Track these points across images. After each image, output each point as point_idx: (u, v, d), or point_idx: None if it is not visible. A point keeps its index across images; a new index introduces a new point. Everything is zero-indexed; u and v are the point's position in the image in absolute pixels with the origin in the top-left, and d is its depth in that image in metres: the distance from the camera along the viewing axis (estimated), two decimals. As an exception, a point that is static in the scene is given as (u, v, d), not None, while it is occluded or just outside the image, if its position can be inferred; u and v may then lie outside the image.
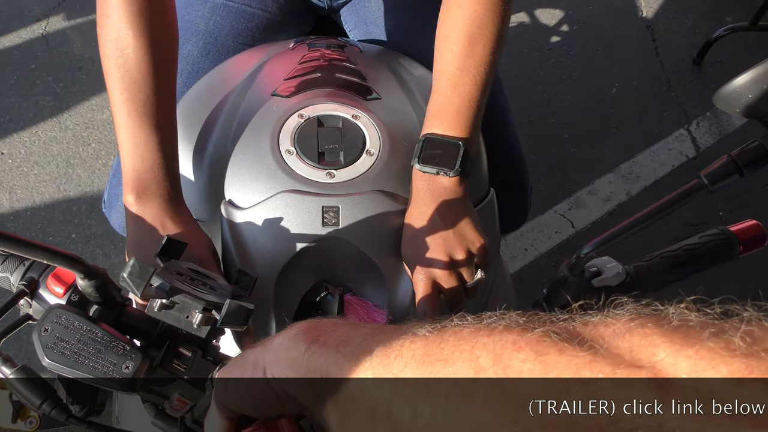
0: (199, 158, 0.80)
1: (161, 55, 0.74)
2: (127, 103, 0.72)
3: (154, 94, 0.73)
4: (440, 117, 0.76)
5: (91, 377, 0.50)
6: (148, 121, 0.72)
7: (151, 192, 0.72)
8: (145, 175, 0.72)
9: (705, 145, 2.14)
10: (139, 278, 0.48)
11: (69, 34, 2.24)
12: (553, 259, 1.89)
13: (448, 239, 0.71)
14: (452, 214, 0.73)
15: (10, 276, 0.59)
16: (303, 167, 0.74)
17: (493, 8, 0.76)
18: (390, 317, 0.71)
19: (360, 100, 0.82)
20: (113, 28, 0.73)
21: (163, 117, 0.74)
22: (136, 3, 0.73)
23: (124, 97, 0.72)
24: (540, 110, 2.20)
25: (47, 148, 2.01)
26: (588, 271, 0.60)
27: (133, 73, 0.72)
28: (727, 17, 2.41)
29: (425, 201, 0.73)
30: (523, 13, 2.42)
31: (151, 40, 0.73)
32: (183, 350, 0.56)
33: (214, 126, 0.81)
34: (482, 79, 0.76)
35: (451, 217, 0.72)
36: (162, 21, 0.76)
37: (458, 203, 0.74)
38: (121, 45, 0.73)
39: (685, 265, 0.63)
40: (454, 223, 0.72)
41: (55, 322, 0.51)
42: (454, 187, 0.74)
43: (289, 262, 0.71)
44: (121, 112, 0.72)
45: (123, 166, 0.73)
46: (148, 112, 0.72)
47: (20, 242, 0.47)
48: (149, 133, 0.72)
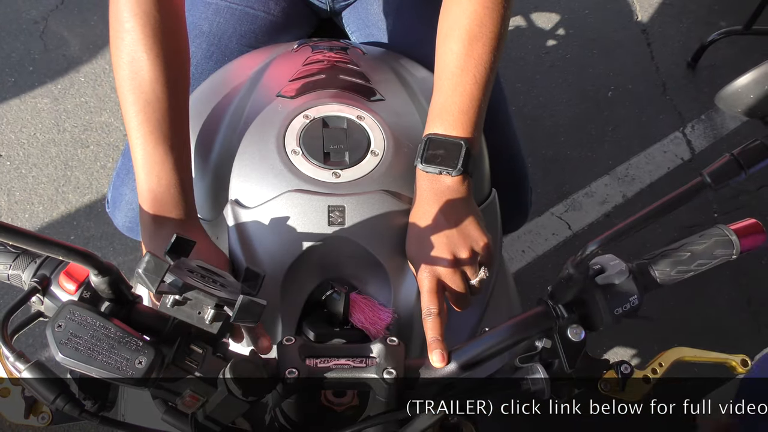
0: (205, 158, 0.81)
1: (174, 74, 0.76)
2: (143, 125, 0.73)
3: (168, 115, 0.74)
4: (442, 117, 0.77)
5: (105, 372, 0.51)
6: (164, 142, 0.73)
7: (167, 211, 0.73)
8: (162, 196, 0.73)
9: (700, 148, 2.16)
10: (154, 274, 0.49)
11: (67, 37, 2.24)
12: (551, 261, 1.90)
13: (452, 238, 0.72)
14: (456, 213, 0.74)
15: (22, 273, 0.59)
16: (309, 167, 0.75)
17: (493, 7, 0.78)
18: (395, 315, 0.72)
19: (364, 101, 0.83)
20: (127, 50, 0.74)
21: (177, 136, 0.75)
22: (149, 25, 0.74)
23: (140, 119, 0.73)
24: (536, 113, 2.21)
25: (45, 150, 2.01)
26: (591, 269, 0.61)
27: (148, 94, 0.73)
28: (722, 21, 2.43)
29: (429, 201, 0.74)
30: (519, 17, 2.43)
31: (164, 60, 0.74)
32: (194, 347, 0.56)
33: (219, 126, 0.82)
34: (483, 78, 0.77)
35: (454, 216, 0.73)
36: (175, 40, 0.77)
37: (462, 202, 0.75)
38: (135, 67, 0.74)
39: (686, 264, 0.64)
40: (457, 222, 0.73)
41: (68, 318, 0.51)
42: (457, 186, 0.75)
43: (295, 260, 0.72)
44: (136, 134, 0.73)
45: (139, 186, 0.74)
46: (163, 133, 0.73)
47: (35, 238, 0.48)
48: (165, 153, 0.73)
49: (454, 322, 0.77)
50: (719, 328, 1.83)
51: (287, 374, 0.58)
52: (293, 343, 0.61)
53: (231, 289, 0.58)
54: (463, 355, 0.62)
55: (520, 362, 0.61)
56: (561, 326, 0.60)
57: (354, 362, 0.61)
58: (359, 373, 0.60)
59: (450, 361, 0.61)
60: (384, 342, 0.61)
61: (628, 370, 0.60)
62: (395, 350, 0.61)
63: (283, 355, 0.60)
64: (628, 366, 0.60)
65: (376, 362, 0.60)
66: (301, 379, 0.58)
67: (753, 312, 1.87)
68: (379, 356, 0.61)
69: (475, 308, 0.78)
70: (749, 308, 1.87)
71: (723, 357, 0.62)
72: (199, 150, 0.81)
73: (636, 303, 0.60)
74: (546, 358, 0.60)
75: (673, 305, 1.81)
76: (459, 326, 0.77)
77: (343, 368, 0.60)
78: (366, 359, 0.61)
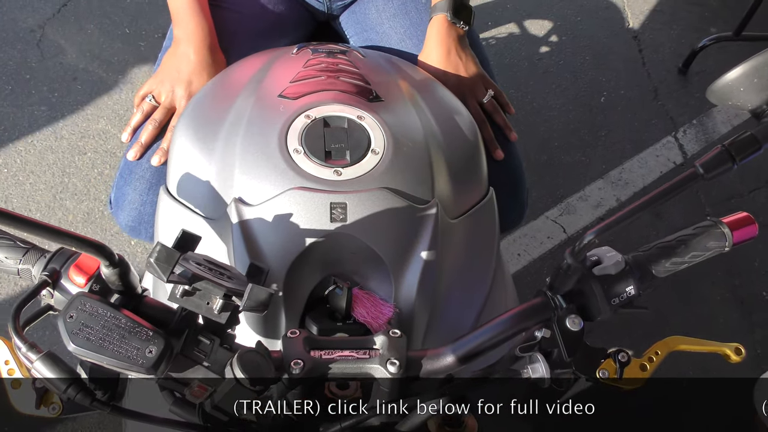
0: (208, 157, 0.82)
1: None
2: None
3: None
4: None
5: (116, 361, 0.52)
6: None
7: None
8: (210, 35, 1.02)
9: (692, 152, 2.19)
10: (165, 263, 0.50)
11: (63, 45, 2.26)
12: (546, 264, 1.92)
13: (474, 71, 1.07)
14: (471, 53, 1.09)
15: (32, 268, 0.60)
16: (311, 165, 0.76)
17: None
18: (397, 310, 0.73)
19: (364, 102, 0.84)
20: None
21: None
22: None
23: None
24: (530, 118, 2.24)
25: (43, 157, 2.02)
26: (589, 260, 0.62)
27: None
28: (712, 28, 2.47)
29: (457, 46, 1.06)
30: (512, 24, 2.46)
31: None
32: (202, 338, 0.58)
33: (221, 127, 0.83)
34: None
35: (471, 55, 1.09)
36: None
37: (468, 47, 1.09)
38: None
39: (681, 255, 0.66)
40: (473, 58, 1.07)
41: (79, 309, 0.52)
42: (464, 35, 1.07)
43: (299, 256, 0.73)
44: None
45: (186, 28, 1.01)
46: None
47: (49, 229, 0.49)
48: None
49: (455, 315, 0.78)
50: (712, 327, 1.86)
51: (293, 365, 0.59)
52: (298, 335, 0.62)
53: (237, 281, 0.59)
54: (465, 346, 0.63)
55: (521, 352, 0.62)
56: (560, 317, 0.61)
57: (358, 354, 0.62)
58: (363, 364, 0.61)
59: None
60: (387, 334, 0.63)
61: (625, 358, 0.62)
62: (398, 342, 0.62)
63: (288, 348, 0.61)
64: (626, 354, 0.62)
65: (379, 354, 0.61)
66: (307, 370, 0.60)
67: (745, 312, 1.89)
68: (382, 348, 0.62)
69: (474, 302, 0.79)
70: (742, 308, 1.89)
71: (717, 346, 0.63)
72: (202, 150, 0.83)
73: (633, 293, 0.62)
74: (545, 348, 0.62)
75: (669, 303, 1.83)
76: (459, 319, 0.78)
77: (347, 360, 0.61)
78: (369, 351, 0.62)
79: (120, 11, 2.36)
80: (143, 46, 2.29)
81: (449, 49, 1.05)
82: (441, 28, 1.05)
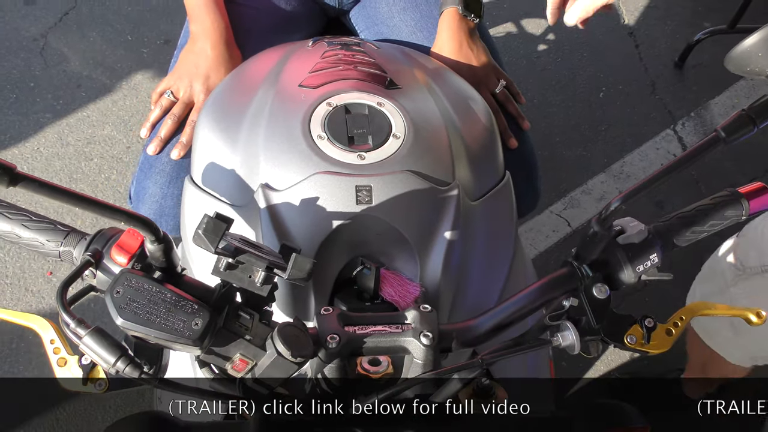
0: (232, 147, 0.84)
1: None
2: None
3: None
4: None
5: (164, 334, 0.53)
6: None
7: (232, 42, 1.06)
8: (227, 30, 1.05)
9: (691, 144, 2.21)
10: (213, 234, 0.52)
11: (66, 53, 2.27)
12: (552, 257, 1.94)
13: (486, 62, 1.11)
14: (482, 45, 1.13)
15: (73, 250, 0.62)
16: (335, 150, 0.78)
17: None
18: (423, 288, 0.75)
19: (382, 89, 0.86)
20: None
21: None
22: None
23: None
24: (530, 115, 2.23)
25: (49, 163, 2.03)
26: (613, 230, 0.64)
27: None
28: (706, 22, 2.50)
29: (468, 38, 1.09)
30: (510, 23, 2.49)
31: None
32: (242, 313, 0.59)
33: (244, 117, 0.85)
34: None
35: (483, 47, 1.13)
36: None
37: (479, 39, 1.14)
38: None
39: (700, 224, 0.68)
40: (484, 49, 1.11)
41: (125, 284, 0.54)
42: (475, 28, 1.12)
43: (326, 239, 0.75)
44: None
45: (203, 24, 1.04)
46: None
47: (99, 204, 0.51)
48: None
49: (479, 293, 0.80)
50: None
51: (329, 339, 0.61)
52: (331, 312, 0.64)
53: (275, 256, 0.61)
54: (495, 317, 0.65)
55: (550, 320, 0.64)
56: (586, 285, 0.63)
57: (391, 328, 0.64)
58: (397, 337, 0.63)
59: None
60: (418, 309, 0.64)
61: (651, 323, 0.63)
62: (429, 316, 0.64)
63: (323, 323, 0.63)
64: (652, 320, 0.64)
65: (411, 327, 0.63)
66: (343, 344, 0.61)
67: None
68: (414, 322, 0.63)
69: (497, 280, 0.81)
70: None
71: (738, 310, 0.65)
72: (225, 141, 0.84)
73: (656, 260, 0.64)
74: (574, 316, 0.63)
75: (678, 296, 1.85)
76: (483, 297, 0.80)
77: (381, 334, 0.63)
78: (402, 325, 0.64)
79: (122, 19, 2.38)
80: (146, 52, 2.31)
81: (461, 42, 1.08)
82: (452, 21, 1.07)
